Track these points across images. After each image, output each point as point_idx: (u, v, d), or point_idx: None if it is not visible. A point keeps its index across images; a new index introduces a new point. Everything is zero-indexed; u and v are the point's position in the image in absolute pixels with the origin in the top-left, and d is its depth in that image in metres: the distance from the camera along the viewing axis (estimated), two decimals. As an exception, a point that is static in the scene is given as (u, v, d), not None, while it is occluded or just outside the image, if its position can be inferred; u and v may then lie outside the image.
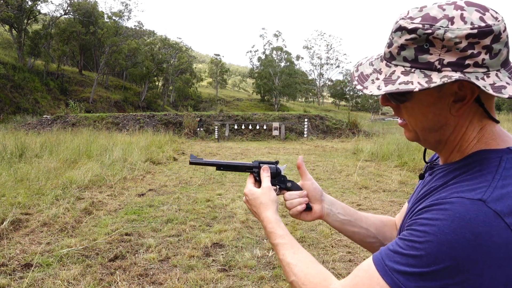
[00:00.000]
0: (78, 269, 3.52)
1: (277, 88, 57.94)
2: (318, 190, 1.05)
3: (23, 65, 39.99)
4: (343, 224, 1.05)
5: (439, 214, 0.64)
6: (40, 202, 5.46)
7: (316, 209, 1.04)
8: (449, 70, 0.67)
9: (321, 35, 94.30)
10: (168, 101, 55.15)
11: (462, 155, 0.75)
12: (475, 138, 0.73)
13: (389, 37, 0.75)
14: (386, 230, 1.06)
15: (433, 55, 0.67)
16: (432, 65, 0.68)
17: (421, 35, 0.68)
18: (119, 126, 21.27)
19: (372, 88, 0.73)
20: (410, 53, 0.70)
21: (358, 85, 0.77)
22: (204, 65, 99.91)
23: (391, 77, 0.72)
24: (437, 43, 0.67)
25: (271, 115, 24.07)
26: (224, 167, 1.11)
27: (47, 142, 10.76)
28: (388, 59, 0.75)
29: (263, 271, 3.58)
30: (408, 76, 0.69)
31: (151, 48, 51.83)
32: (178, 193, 6.71)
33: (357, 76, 0.79)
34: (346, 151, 14.14)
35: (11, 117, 27.70)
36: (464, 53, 0.66)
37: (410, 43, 0.69)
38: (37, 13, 43.18)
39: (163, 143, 14.22)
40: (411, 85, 0.68)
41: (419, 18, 0.69)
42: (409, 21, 0.70)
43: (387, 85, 0.71)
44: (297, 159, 1.09)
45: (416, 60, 0.69)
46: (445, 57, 0.67)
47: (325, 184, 7.75)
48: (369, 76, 0.77)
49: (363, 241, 1.05)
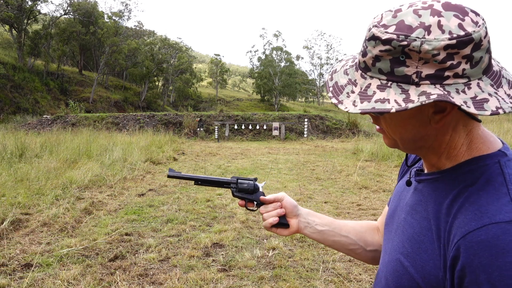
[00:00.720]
0: (78, 269, 3.52)
1: (277, 88, 57.93)
2: (293, 205, 1.04)
3: (23, 65, 39.99)
4: (322, 234, 1.03)
5: (491, 256, 0.59)
6: (40, 202, 5.46)
7: (293, 224, 1.04)
8: (428, 83, 0.62)
9: (321, 35, 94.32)
10: (168, 101, 55.14)
11: (453, 162, 0.72)
12: (463, 144, 0.71)
13: (363, 45, 0.69)
14: (366, 235, 1.04)
15: (410, 67, 0.63)
16: (409, 79, 0.63)
17: (396, 47, 0.63)
18: (119, 126, 21.27)
19: (347, 104, 0.68)
20: (385, 65, 0.65)
21: (333, 99, 0.71)
22: (204, 65, 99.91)
23: (367, 92, 0.67)
24: (414, 55, 0.62)
25: (271, 115, 24.07)
26: (202, 182, 1.12)
27: (47, 142, 10.76)
28: (363, 69, 0.70)
29: (263, 271, 3.58)
30: (385, 92, 0.65)
31: (151, 48, 51.82)
32: (178, 193, 6.71)
33: (331, 87, 0.74)
34: (346, 151, 14.14)
35: (11, 117, 27.70)
36: (443, 65, 0.61)
37: (385, 54, 0.64)
38: (37, 13, 43.17)
39: (163, 143, 14.22)
40: (388, 104, 0.63)
41: (393, 26, 0.64)
42: (383, 30, 0.65)
43: (362, 102, 0.66)
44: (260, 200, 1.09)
45: (392, 73, 0.65)
46: (423, 70, 0.62)
47: (325, 184, 7.75)
48: (344, 88, 0.71)
49: (345, 248, 1.04)
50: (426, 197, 0.75)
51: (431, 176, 0.76)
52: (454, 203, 0.68)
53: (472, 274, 0.61)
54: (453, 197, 0.69)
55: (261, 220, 5.12)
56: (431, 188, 0.75)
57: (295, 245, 4.25)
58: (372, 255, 1.04)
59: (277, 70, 58.74)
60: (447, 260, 0.65)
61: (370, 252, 1.04)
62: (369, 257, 1.04)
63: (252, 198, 1.08)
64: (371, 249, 1.03)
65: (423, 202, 0.75)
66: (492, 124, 16.49)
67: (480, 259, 0.60)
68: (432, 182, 0.75)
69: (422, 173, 0.80)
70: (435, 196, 0.73)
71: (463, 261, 0.62)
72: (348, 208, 5.81)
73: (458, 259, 0.63)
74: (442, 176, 0.73)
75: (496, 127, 14.08)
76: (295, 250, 4.09)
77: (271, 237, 4.50)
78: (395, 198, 0.90)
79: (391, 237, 0.83)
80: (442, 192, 0.72)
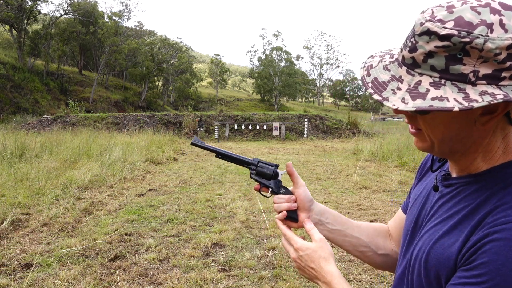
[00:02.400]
0: (78, 269, 3.52)
1: (277, 88, 57.94)
2: (308, 198, 1.01)
3: (23, 65, 39.99)
4: (332, 233, 1.01)
5: (507, 245, 0.59)
6: (40, 202, 5.46)
7: (302, 218, 1.01)
8: (484, 83, 0.60)
9: (321, 35, 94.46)
10: (168, 101, 55.15)
11: (488, 165, 0.70)
12: (499, 148, 0.69)
13: (411, 40, 0.65)
14: (379, 238, 1.03)
15: (467, 65, 0.60)
16: (465, 77, 0.60)
17: (456, 44, 0.59)
18: (119, 126, 21.27)
19: (395, 101, 0.64)
20: (439, 62, 0.62)
21: (376, 95, 0.67)
22: (204, 65, 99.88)
23: (418, 89, 0.63)
24: (474, 53, 0.59)
25: (271, 115, 24.08)
26: (222, 156, 1.09)
27: (47, 142, 10.76)
28: (409, 66, 0.66)
29: (263, 271, 3.58)
30: (440, 89, 0.61)
31: (151, 48, 51.82)
32: (178, 193, 6.71)
33: (370, 83, 0.69)
34: (346, 151, 14.14)
35: (11, 117, 27.70)
36: (502, 65, 0.59)
37: (441, 50, 0.61)
38: (37, 13, 43.17)
39: (163, 143, 14.22)
40: (448, 103, 0.60)
41: (451, 22, 0.61)
42: (440, 25, 0.61)
43: (415, 99, 0.62)
44: (286, 165, 1.02)
45: (446, 71, 0.61)
46: (480, 69, 0.60)
47: (325, 184, 7.75)
48: (387, 84, 0.67)
49: (354, 249, 1.02)
50: (456, 198, 0.74)
51: (463, 179, 0.74)
52: (485, 202, 0.67)
53: (479, 255, 0.61)
54: (486, 197, 0.68)
55: (261, 221, 5.12)
56: (462, 191, 0.73)
57: (295, 245, 4.25)
58: (382, 259, 1.02)
59: (277, 70, 58.74)
60: (463, 249, 0.65)
61: (381, 256, 1.02)
62: (378, 261, 1.02)
63: (268, 185, 1.05)
64: (382, 253, 1.01)
65: (450, 203, 0.74)
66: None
67: (493, 246, 0.60)
68: (464, 185, 0.73)
69: (451, 178, 0.77)
70: (466, 197, 0.71)
71: (478, 245, 0.62)
72: (348, 208, 5.81)
73: (476, 244, 0.63)
74: (476, 179, 0.71)
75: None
76: (295, 250, 4.09)
77: (271, 237, 4.51)
78: (418, 203, 0.86)
79: (417, 241, 0.80)
80: (474, 194, 0.70)
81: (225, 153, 1.09)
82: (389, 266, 1.03)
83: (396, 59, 0.70)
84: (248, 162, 1.08)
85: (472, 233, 0.65)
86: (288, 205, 1.00)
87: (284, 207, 1.00)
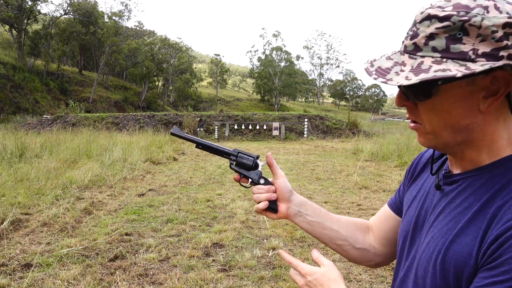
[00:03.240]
0: (78, 269, 3.52)
1: (277, 88, 57.95)
2: (288, 189, 1.02)
3: (23, 65, 39.99)
4: (311, 225, 1.01)
5: None
6: (40, 202, 5.46)
7: (282, 209, 1.01)
8: (484, 60, 0.62)
9: (321, 35, 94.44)
10: (168, 101, 55.15)
11: (493, 157, 0.70)
12: (503, 138, 0.69)
13: (412, 29, 0.69)
14: (358, 233, 1.03)
15: (467, 44, 0.63)
16: (466, 55, 0.63)
17: (455, 22, 0.63)
18: (119, 126, 21.27)
19: (398, 79, 0.66)
20: (440, 42, 0.64)
21: (380, 78, 0.68)
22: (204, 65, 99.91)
23: (421, 67, 0.65)
24: (472, 32, 0.62)
25: (271, 115, 24.08)
26: (203, 147, 1.09)
27: (47, 142, 10.76)
28: (411, 51, 0.68)
29: (263, 271, 3.58)
30: (442, 65, 0.63)
31: (151, 48, 51.83)
32: (178, 193, 6.71)
33: (374, 71, 0.71)
34: (346, 151, 14.14)
35: (11, 117, 27.70)
36: (499, 43, 0.62)
37: (441, 31, 0.64)
38: (37, 13, 43.17)
39: (163, 143, 14.22)
40: (450, 72, 0.61)
41: (449, 6, 0.64)
42: (440, 9, 0.65)
43: (418, 75, 0.64)
44: (266, 156, 1.02)
45: (447, 50, 0.64)
46: (479, 47, 0.62)
47: (325, 184, 7.75)
48: (391, 69, 0.69)
49: (332, 242, 1.02)
50: (463, 194, 0.72)
51: (468, 174, 0.73)
52: (497, 195, 0.66)
53: (504, 250, 0.60)
54: (496, 190, 0.67)
55: (261, 221, 5.12)
56: (468, 185, 0.72)
57: (295, 245, 4.25)
58: (359, 253, 1.02)
59: (277, 70, 58.75)
60: (483, 245, 0.64)
61: (358, 250, 1.02)
62: (355, 255, 1.03)
63: (248, 175, 1.05)
64: (359, 247, 1.02)
65: (458, 199, 0.73)
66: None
67: None
68: (469, 179, 0.72)
69: (454, 175, 0.76)
70: (474, 191, 0.70)
71: (501, 240, 0.61)
72: (348, 208, 5.81)
73: (497, 240, 0.62)
74: (481, 173, 0.71)
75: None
76: (295, 250, 4.09)
77: (271, 237, 4.51)
78: (416, 205, 0.85)
79: (420, 241, 0.79)
80: (482, 187, 0.69)
81: (205, 144, 1.09)
82: (366, 260, 1.03)
83: (398, 50, 0.72)
84: (228, 152, 1.08)
85: (489, 228, 0.64)
86: (268, 195, 1.00)
87: (263, 197, 1.00)
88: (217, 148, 1.09)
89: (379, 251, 1.02)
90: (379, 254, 1.02)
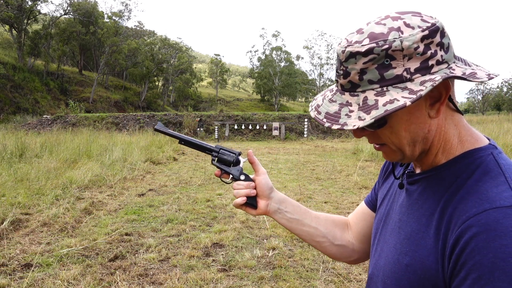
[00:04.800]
0: (78, 269, 3.52)
1: (277, 88, 57.92)
2: (268, 186, 1.04)
3: (23, 65, 39.98)
4: (290, 222, 1.03)
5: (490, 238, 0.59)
6: (40, 202, 5.46)
7: (261, 205, 1.03)
8: (419, 75, 0.65)
9: (322, 35, 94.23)
10: (168, 101, 55.14)
11: (448, 156, 0.73)
12: (454, 136, 0.73)
13: (341, 68, 0.70)
14: (336, 229, 1.05)
15: (398, 68, 0.65)
16: (402, 77, 0.65)
17: (379, 53, 0.65)
18: (119, 126, 21.27)
19: (354, 122, 0.66)
20: (373, 74, 0.66)
21: (334, 125, 0.68)
22: (204, 65, 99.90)
23: (367, 103, 0.66)
24: (398, 55, 0.64)
25: (271, 115, 24.08)
26: (185, 142, 1.12)
27: (47, 142, 10.76)
28: (350, 89, 0.69)
29: (263, 271, 3.58)
30: (386, 96, 0.65)
31: (151, 48, 51.80)
32: (178, 193, 6.71)
33: (324, 118, 0.71)
34: (346, 151, 14.14)
35: (11, 117, 27.70)
36: (425, 56, 0.65)
37: (369, 64, 0.66)
38: (37, 13, 43.15)
39: (163, 143, 14.22)
40: (398, 102, 0.63)
41: (366, 39, 0.66)
42: (359, 45, 0.66)
43: (369, 112, 0.65)
44: (247, 154, 1.05)
45: (383, 79, 0.66)
46: (410, 65, 0.65)
47: (325, 184, 7.75)
48: (339, 113, 0.69)
49: (311, 239, 1.04)
50: (423, 195, 0.75)
51: (426, 174, 0.76)
52: (453, 196, 0.69)
53: (467, 256, 0.61)
54: (452, 191, 0.69)
55: (261, 221, 5.12)
56: (428, 186, 0.75)
57: (295, 245, 4.25)
58: (338, 250, 1.05)
59: (277, 70, 58.72)
60: (447, 249, 0.66)
61: (337, 246, 1.05)
62: (334, 251, 1.05)
63: (229, 171, 1.07)
64: (338, 244, 1.04)
65: (420, 200, 0.75)
66: (492, 124, 16.49)
67: (477, 242, 0.60)
68: (427, 179, 0.76)
69: (415, 174, 0.80)
70: (433, 192, 0.73)
71: (461, 245, 0.62)
72: (348, 208, 5.81)
73: (458, 244, 0.63)
74: (437, 173, 0.74)
75: (496, 127, 14.07)
76: (295, 250, 4.09)
77: (271, 237, 4.51)
78: (386, 203, 0.89)
79: (386, 239, 0.82)
80: (439, 188, 0.72)
81: (188, 140, 1.11)
82: (344, 256, 1.06)
83: (336, 90, 0.73)
84: (210, 149, 1.10)
85: (448, 230, 0.66)
86: (247, 191, 1.02)
87: (242, 193, 1.02)
88: (199, 144, 1.11)
89: (358, 247, 1.05)
90: (358, 250, 1.05)
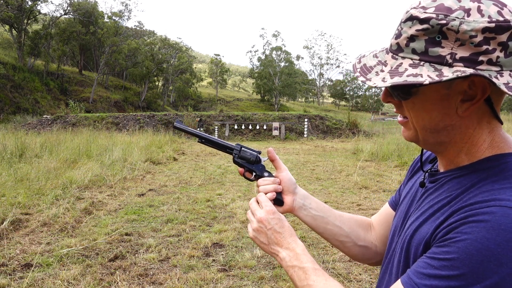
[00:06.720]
0: (78, 269, 3.52)
1: (277, 88, 57.93)
2: (292, 182, 1.01)
3: (23, 65, 39.99)
4: (315, 219, 1.00)
5: (479, 227, 0.58)
6: (40, 202, 5.46)
7: (287, 201, 1.00)
8: (461, 65, 0.62)
9: (322, 35, 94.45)
10: (168, 101, 55.14)
11: (472, 159, 0.70)
12: (485, 141, 0.69)
13: (398, 28, 0.70)
14: (360, 230, 1.03)
15: (445, 48, 0.63)
16: (443, 59, 0.63)
17: (434, 26, 0.63)
18: (119, 126, 21.27)
19: (376, 80, 0.68)
20: (420, 45, 0.65)
21: (361, 77, 0.71)
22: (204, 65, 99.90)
23: (398, 69, 0.66)
24: (451, 36, 0.62)
25: (271, 115, 24.08)
26: (206, 141, 1.10)
27: (47, 142, 10.76)
28: (394, 51, 0.69)
29: (263, 271, 3.58)
30: (417, 68, 0.64)
31: (151, 48, 51.82)
32: (178, 193, 6.71)
33: (359, 68, 0.73)
34: (346, 151, 14.14)
35: (11, 117, 27.69)
36: (479, 49, 0.61)
37: (421, 34, 0.64)
38: (37, 13, 43.17)
39: (163, 143, 14.22)
40: (420, 78, 0.62)
41: (432, 8, 0.64)
42: (422, 11, 0.65)
43: (393, 77, 0.66)
44: (268, 151, 1.02)
45: (426, 53, 0.64)
46: (458, 51, 0.62)
47: (325, 184, 7.75)
48: (373, 68, 0.71)
49: (334, 238, 1.01)
50: (440, 192, 0.74)
51: (448, 173, 0.74)
52: (467, 193, 0.67)
53: (452, 234, 0.61)
54: (467, 188, 0.68)
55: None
56: (445, 183, 0.74)
57: (295, 245, 4.24)
58: (361, 251, 1.02)
59: (277, 70, 58.74)
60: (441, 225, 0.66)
61: (360, 247, 1.02)
62: (357, 252, 1.02)
63: (252, 168, 1.05)
64: (361, 245, 1.02)
65: (437, 196, 0.74)
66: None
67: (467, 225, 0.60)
68: (448, 178, 0.74)
69: (437, 173, 0.78)
70: (450, 189, 0.71)
71: (451, 222, 0.63)
72: (348, 208, 5.81)
73: (448, 221, 0.64)
74: (460, 172, 0.72)
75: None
76: (295, 250, 4.08)
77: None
78: (406, 201, 0.87)
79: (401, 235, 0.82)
80: (457, 185, 0.71)
81: (209, 138, 1.10)
82: (366, 258, 1.03)
83: (385, 48, 0.74)
84: (231, 147, 1.08)
85: (449, 217, 0.66)
86: (274, 186, 0.99)
87: (270, 188, 0.98)
88: (220, 143, 1.09)
89: (380, 249, 1.02)
90: (380, 253, 1.02)
